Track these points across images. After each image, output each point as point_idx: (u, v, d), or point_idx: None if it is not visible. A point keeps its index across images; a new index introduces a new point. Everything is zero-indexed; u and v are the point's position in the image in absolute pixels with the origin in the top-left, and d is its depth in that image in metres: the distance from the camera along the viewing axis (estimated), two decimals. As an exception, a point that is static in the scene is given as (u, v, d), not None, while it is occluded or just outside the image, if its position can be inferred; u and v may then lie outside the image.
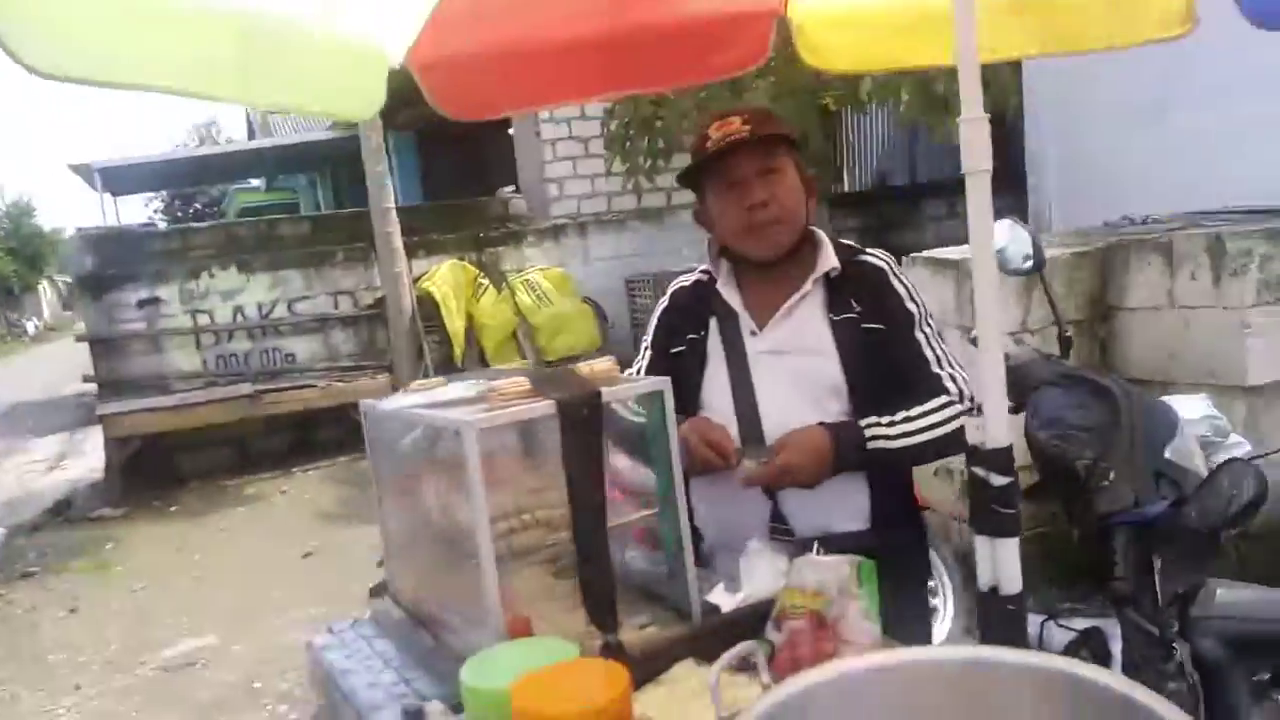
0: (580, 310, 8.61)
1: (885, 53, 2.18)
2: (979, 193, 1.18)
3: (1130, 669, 1.72)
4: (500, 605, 1.31)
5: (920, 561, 1.99)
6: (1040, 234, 2.28)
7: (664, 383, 1.45)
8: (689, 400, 1.84)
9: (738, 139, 1.77)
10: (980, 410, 1.19)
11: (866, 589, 1.39)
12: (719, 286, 1.92)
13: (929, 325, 1.84)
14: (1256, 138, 7.41)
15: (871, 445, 1.71)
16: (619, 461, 1.57)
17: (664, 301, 2.05)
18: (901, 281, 1.86)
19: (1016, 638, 1.24)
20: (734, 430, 1.79)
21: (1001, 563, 1.24)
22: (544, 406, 1.34)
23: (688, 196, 2.04)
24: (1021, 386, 2.00)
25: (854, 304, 1.82)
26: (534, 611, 1.36)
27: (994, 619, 1.26)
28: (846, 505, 1.80)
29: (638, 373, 1.92)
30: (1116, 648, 1.77)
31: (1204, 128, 7.87)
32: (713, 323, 1.92)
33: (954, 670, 0.94)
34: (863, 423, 1.72)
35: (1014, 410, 2.15)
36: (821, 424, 1.72)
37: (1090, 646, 1.78)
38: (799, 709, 0.96)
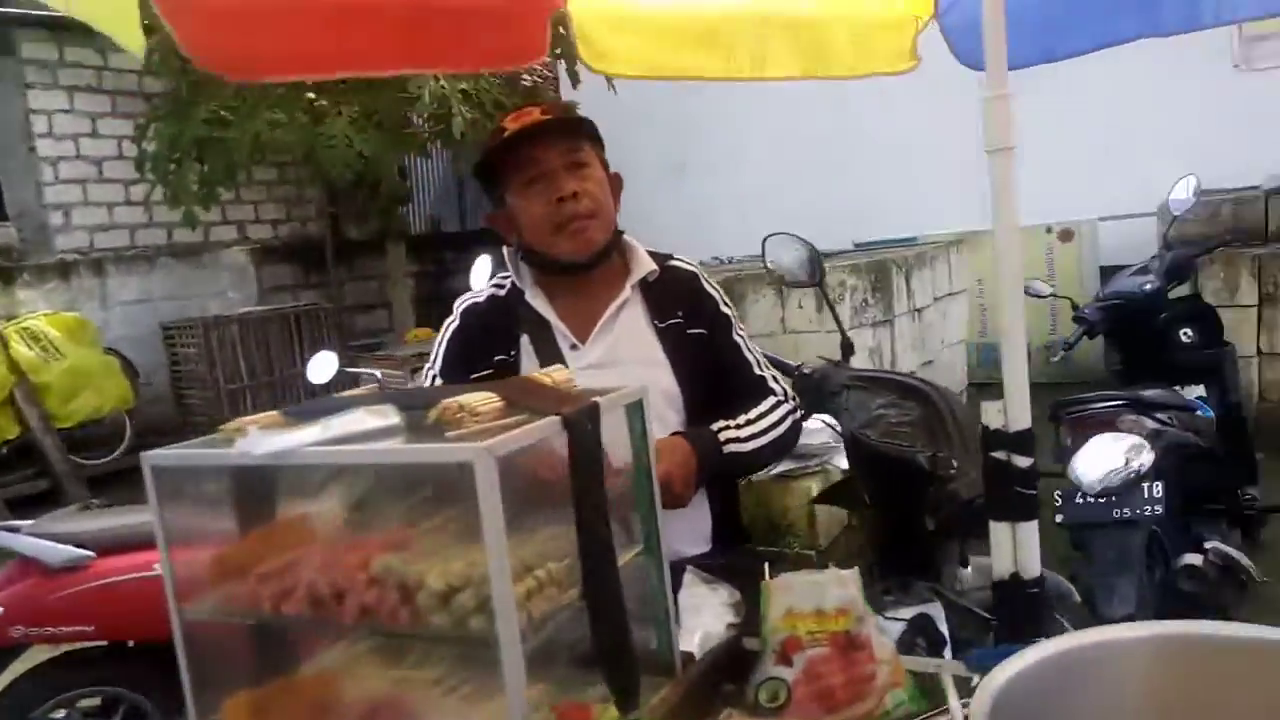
0: (104, 363, 7.10)
1: (670, 62, 2.13)
2: (1001, 170, 1.17)
3: (961, 647, 1.85)
4: (525, 698, 0.95)
5: (754, 581, 1.96)
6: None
7: (643, 391, 1.20)
8: None
9: (539, 124, 1.63)
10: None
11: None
12: (528, 298, 1.71)
13: (742, 329, 1.84)
14: (755, 201, 8.89)
15: (727, 450, 1.65)
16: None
17: (452, 323, 1.78)
18: (712, 286, 1.84)
19: (1040, 622, 1.24)
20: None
21: (1022, 546, 1.24)
22: (551, 424, 1.02)
23: (230, 233, 1.82)
24: (819, 393, 2.07)
25: (675, 310, 1.74)
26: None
27: (1018, 604, 1.24)
28: (692, 527, 1.72)
29: None
30: (945, 629, 1.89)
31: (714, 191, 9.26)
32: (523, 340, 1.70)
33: (1181, 646, 0.88)
34: (714, 427, 1.65)
35: (805, 417, 2.23)
36: (677, 433, 1.63)
37: (924, 632, 1.88)
38: (1036, 680, 0.84)
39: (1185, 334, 4.05)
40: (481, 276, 3.06)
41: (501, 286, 1.79)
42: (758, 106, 8.41)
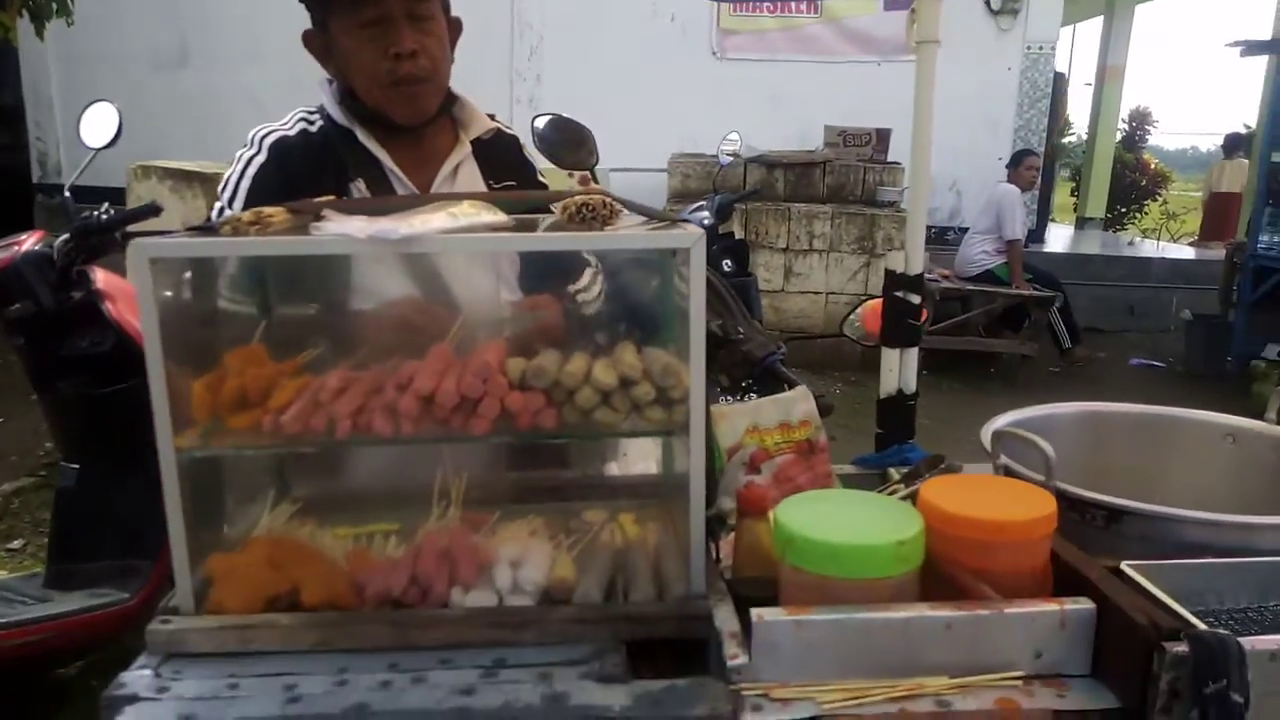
0: None
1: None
2: (926, 64, 1.45)
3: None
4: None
5: None
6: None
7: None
8: None
9: None
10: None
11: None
12: (360, 139, 1.56)
13: None
14: (272, 102, 8.15)
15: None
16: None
17: (254, 155, 1.51)
18: (529, 154, 1.85)
19: (912, 429, 1.56)
20: None
21: (906, 368, 1.54)
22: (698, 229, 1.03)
23: None
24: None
25: (507, 174, 1.74)
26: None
27: (897, 416, 1.55)
28: None
29: None
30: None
31: (218, 86, 8.27)
32: (358, 184, 1.55)
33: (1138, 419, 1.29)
34: (571, 289, 1.69)
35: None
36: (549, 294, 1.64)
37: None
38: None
39: (726, 264, 4.92)
40: (100, 127, 2.50)
41: (310, 122, 1.56)
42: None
